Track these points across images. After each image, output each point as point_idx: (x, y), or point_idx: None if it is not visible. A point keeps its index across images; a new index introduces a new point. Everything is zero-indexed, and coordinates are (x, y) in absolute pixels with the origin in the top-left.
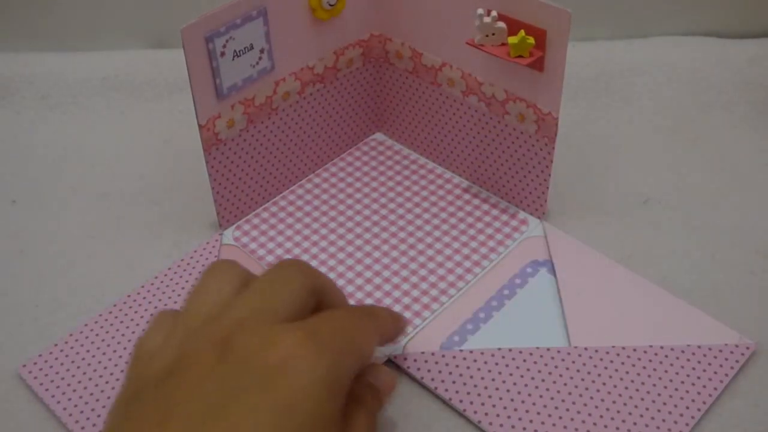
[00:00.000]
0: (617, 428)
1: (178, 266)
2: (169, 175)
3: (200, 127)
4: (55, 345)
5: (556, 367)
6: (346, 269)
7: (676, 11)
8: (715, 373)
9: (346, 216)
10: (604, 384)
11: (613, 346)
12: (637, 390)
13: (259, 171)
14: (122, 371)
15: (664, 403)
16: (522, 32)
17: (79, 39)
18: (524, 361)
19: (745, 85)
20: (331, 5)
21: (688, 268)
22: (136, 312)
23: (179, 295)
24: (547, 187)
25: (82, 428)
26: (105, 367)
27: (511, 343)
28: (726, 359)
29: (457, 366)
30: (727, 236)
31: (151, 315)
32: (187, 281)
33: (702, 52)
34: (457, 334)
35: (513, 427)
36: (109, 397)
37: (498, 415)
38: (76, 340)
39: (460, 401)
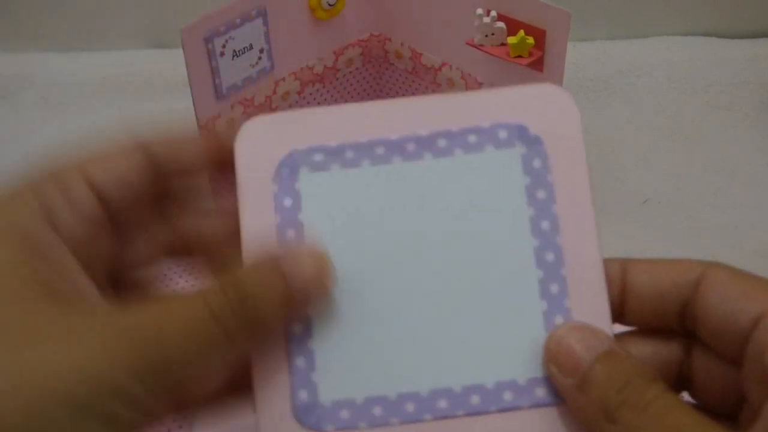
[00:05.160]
0: None
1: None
2: None
3: (200, 127)
4: None
5: None
6: None
7: (676, 11)
8: None
9: None
10: None
11: None
12: None
13: None
14: None
15: None
16: (521, 32)
17: (79, 39)
18: None
19: (745, 85)
20: (330, 5)
21: None
22: None
23: None
24: None
25: None
26: None
27: None
28: None
29: None
30: (727, 236)
31: None
32: (186, 281)
33: (702, 52)
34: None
35: None
36: None
37: None
38: None
39: None
